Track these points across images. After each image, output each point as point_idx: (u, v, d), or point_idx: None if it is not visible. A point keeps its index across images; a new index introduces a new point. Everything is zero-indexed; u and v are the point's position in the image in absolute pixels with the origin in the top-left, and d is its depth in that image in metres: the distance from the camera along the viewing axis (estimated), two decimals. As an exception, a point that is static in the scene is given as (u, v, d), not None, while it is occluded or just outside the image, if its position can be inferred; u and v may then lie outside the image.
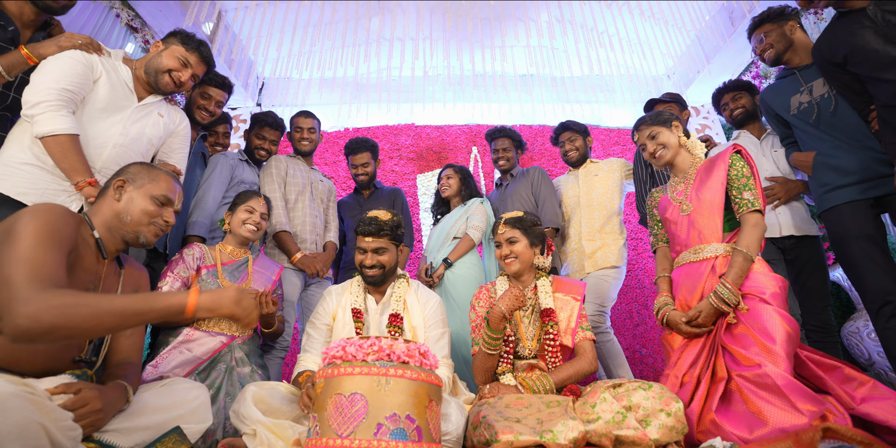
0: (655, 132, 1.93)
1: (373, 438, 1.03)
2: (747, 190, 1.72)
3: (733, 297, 1.56)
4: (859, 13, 1.73)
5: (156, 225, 1.40)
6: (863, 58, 1.73)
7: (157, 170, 1.46)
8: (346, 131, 4.37)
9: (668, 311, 1.74)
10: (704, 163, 1.87)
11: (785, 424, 1.27)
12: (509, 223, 1.91)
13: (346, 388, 1.09)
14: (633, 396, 1.34)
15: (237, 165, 2.51)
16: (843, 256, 1.90)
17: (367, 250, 1.85)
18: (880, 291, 1.78)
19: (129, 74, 1.84)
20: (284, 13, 3.57)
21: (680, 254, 1.85)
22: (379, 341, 1.18)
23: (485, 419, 1.35)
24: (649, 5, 3.62)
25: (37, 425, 0.86)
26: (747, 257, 1.61)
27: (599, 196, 2.71)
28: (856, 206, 1.87)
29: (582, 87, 4.38)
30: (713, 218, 1.74)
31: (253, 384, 1.47)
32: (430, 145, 4.34)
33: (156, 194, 1.40)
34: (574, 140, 2.88)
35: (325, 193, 2.81)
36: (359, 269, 1.89)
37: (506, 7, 3.66)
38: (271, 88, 4.37)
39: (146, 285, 1.48)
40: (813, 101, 2.03)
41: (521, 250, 1.87)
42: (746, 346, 1.48)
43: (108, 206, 1.36)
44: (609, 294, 2.57)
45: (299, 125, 2.80)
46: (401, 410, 1.08)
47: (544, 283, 1.87)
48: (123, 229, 1.34)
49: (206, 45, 1.95)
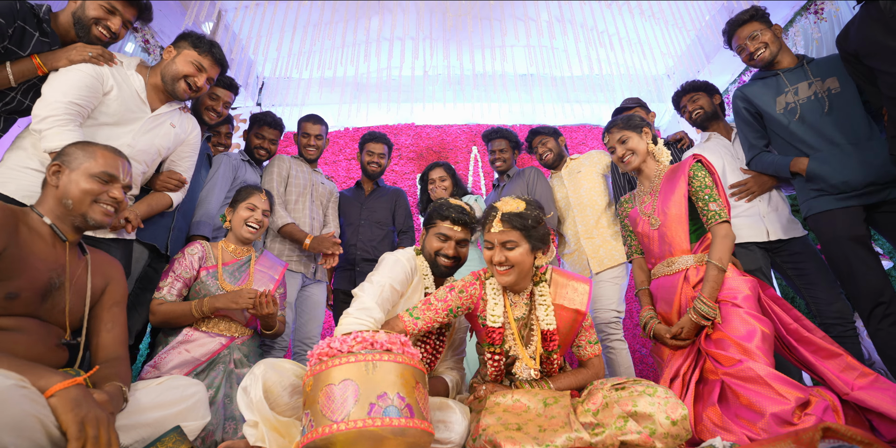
0: (626, 137, 1.96)
1: (367, 417, 1.05)
2: (713, 201, 1.75)
3: (711, 311, 1.62)
4: (874, 5, 1.73)
5: (101, 203, 1.33)
6: (870, 50, 1.74)
7: (92, 146, 1.38)
8: (346, 131, 4.37)
9: (654, 326, 1.80)
10: (667, 172, 1.90)
11: (775, 409, 1.35)
12: (507, 220, 1.50)
13: (335, 377, 1.12)
14: (638, 402, 1.31)
15: (240, 166, 2.53)
16: (835, 258, 1.92)
17: (452, 239, 1.77)
18: (872, 293, 1.81)
19: (141, 85, 1.82)
20: (284, 13, 3.56)
21: (655, 266, 1.90)
22: (361, 334, 1.21)
23: (485, 431, 1.31)
24: (649, 5, 3.61)
25: (33, 418, 0.87)
26: (721, 269, 1.66)
27: (588, 192, 2.69)
28: (848, 211, 1.89)
29: (582, 86, 4.38)
30: (679, 231, 1.79)
31: (266, 363, 1.36)
32: (430, 145, 4.34)
33: (95, 172, 1.33)
34: (546, 142, 2.87)
35: (325, 195, 2.81)
36: (430, 256, 1.79)
37: (506, 7, 3.65)
38: (271, 88, 4.37)
39: (119, 276, 1.45)
40: (801, 101, 2.02)
41: (520, 258, 1.49)
42: (725, 348, 1.57)
43: (49, 194, 1.31)
44: (621, 296, 2.55)
45: (307, 131, 2.78)
46: (391, 390, 1.11)
47: (543, 294, 1.56)
48: (70, 215, 1.30)
49: (217, 47, 1.93)
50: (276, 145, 2.74)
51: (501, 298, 1.58)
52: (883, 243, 2.78)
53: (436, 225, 1.79)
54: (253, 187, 2.13)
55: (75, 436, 0.91)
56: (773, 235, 2.17)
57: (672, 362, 1.70)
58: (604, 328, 2.50)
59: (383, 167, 2.94)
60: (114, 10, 1.75)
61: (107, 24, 1.74)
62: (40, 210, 1.29)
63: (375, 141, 2.92)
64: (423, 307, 1.58)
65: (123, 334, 1.40)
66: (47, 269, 1.23)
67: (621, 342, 2.47)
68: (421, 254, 1.83)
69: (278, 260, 2.19)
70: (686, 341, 1.70)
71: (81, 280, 1.33)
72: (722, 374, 1.52)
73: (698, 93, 2.49)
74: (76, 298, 1.31)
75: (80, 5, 1.72)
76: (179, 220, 2.13)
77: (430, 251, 1.79)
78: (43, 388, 0.94)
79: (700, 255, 1.76)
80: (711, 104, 2.46)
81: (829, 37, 2.72)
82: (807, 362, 1.62)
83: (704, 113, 2.46)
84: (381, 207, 2.89)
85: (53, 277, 1.24)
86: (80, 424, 0.93)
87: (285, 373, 1.37)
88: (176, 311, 1.78)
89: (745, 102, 2.20)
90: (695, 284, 1.73)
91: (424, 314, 1.56)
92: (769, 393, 1.40)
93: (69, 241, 1.31)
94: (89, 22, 1.71)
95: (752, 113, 2.19)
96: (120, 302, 1.42)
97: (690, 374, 1.63)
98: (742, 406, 1.44)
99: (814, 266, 2.11)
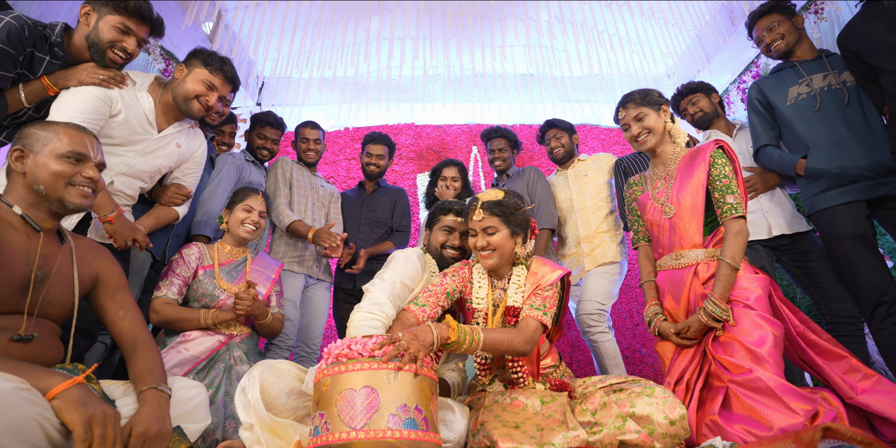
0: (643, 114, 1.80)
1: (386, 428, 1.07)
2: (730, 193, 1.65)
3: (723, 313, 1.54)
4: (878, 4, 1.73)
5: (76, 184, 1.24)
6: (873, 48, 1.73)
7: (53, 125, 1.28)
8: (346, 131, 4.37)
9: (659, 322, 1.73)
10: (685, 157, 1.78)
11: (784, 424, 1.30)
12: (487, 208, 1.62)
13: (356, 383, 1.12)
14: (636, 403, 1.32)
15: (244, 166, 2.54)
16: (838, 257, 1.90)
17: (456, 230, 1.85)
18: (875, 292, 1.78)
19: (150, 107, 1.80)
20: (284, 12, 3.56)
21: (662, 256, 1.82)
22: (380, 338, 1.21)
23: (483, 426, 1.34)
24: (649, 5, 3.61)
25: (33, 421, 0.86)
26: (734, 268, 1.59)
27: (592, 197, 2.68)
28: (850, 206, 1.87)
29: (582, 86, 4.37)
30: (693, 224, 1.69)
31: (264, 364, 1.39)
32: (430, 145, 4.34)
33: (62, 152, 1.23)
34: (560, 137, 2.83)
35: (326, 198, 2.84)
36: (437, 251, 1.84)
37: (506, 6, 3.65)
38: (271, 88, 4.37)
39: (111, 262, 1.39)
40: (813, 92, 2.01)
41: (501, 242, 1.61)
42: (733, 354, 1.50)
43: (17, 181, 1.22)
44: (609, 290, 2.54)
45: (305, 136, 2.81)
46: (409, 402, 1.12)
47: (519, 275, 1.65)
48: (44, 201, 1.21)
49: (229, 64, 1.89)
50: (278, 145, 2.75)
51: (486, 282, 1.69)
52: (883, 243, 2.78)
53: (439, 220, 1.86)
54: (250, 189, 2.14)
55: (81, 437, 0.90)
56: (776, 230, 2.16)
57: (677, 363, 1.65)
58: (585, 319, 2.50)
59: (382, 168, 2.94)
60: (128, 30, 1.71)
61: (122, 46, 1.71)
62: (9, 199, 1.21)
63: (375, 142, 2.93)
64: (425, 295, 1.62)
65: (139, 317, 1.36)
66: (25, 262, 1.16)
67: (604, 333, 2.47)
68: (427, 252, 1.85)
69: (273, 260, 2.20)
70: (693, 340, 1.64)
71: (66, 269, 1.26)
72: (728, 382, 1.48)
73: (696, 94, 2.48)
74: (63, 289, 1.24)
75: (94, 28, 1.68)
76: (179, 227, 2.14)
77: (436, 245, 1.84)
78: (44, 390, 0.93)
79: (712, 249, 1.68)
80: (711, 104, 2.46)
81: (829, 37, 2.71)
82: (813, 364, 1.58)
83: (705, 114, 2.45)
84: (382, 207, 2.89)
85: (34, 270, 1.17)
86: (86, 424, 0.91)
87: (283, 374, 1.38)
88: (183, 314, 1.80)
89: (759, 94, 2.19)
90: (705, 280, 1.66)
91: (428, 300, 1.60)
92: (778, 406, 1.35)
93: (45, 229, 1.23)
94: (104, 46, 1.68)
95: (764, 105, 2.17)
96: (121, 288, 1.37)
97: (695, 381, 1.57)
98: (747, 417, 1.39)
99: (823, 265, 2.08)
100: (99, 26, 1.67)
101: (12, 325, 1.14)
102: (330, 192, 2.89)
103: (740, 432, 1.35)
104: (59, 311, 1.25)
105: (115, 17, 1.68)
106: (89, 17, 1.68)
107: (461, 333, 1.37)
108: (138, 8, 1.70)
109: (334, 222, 2.70)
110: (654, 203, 1.82)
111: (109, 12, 1.67)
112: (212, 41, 3.53)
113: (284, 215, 2.51)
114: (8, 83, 1.58)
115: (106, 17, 1.67)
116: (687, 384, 1.58)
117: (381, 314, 1.51)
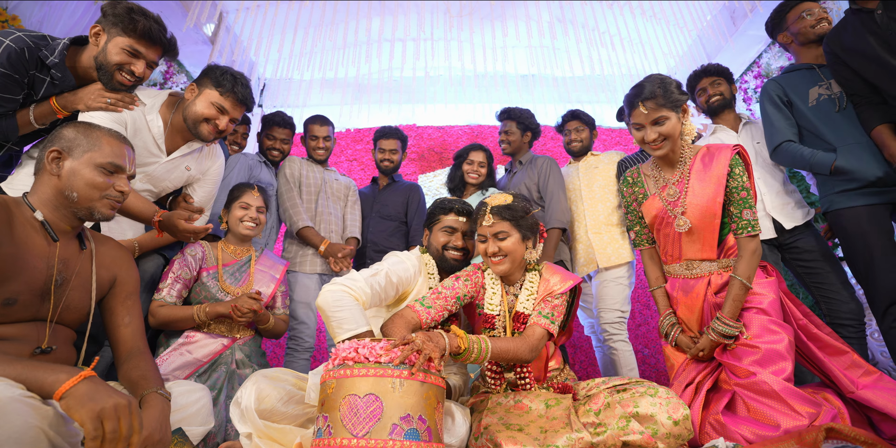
0: (664, 118, 1.62)
1: (388, 438, 1.06)
2: (747, 208, 1.59)
3: (733, 330, 1.55)
4: (868, 15, 1.72)
5: (109, 198, 1.24)
6: (866, 63, 1.74)
7: (97, 131, 1.26)
8: (348, 132, 4.37)
9: (677, 334, 1.72)
10: (699, 161, 1.67)
11: (790, 425, 1.32)
12: (497, 212, 1.58)
13: (360, 389, 1.11)
14: (640, 403, 1.31)
15: (255, 166, 2.56)
16: (857, 254, 1.88)
17: (458, 230, 1.78)
18: (890, 291, 1.78)
19: (160, 131, 1.76)
20: (285, 14, 3.57)
21: (670, 263, 1.78)
22: (388, 343, 1.20)
23: (487, 429, 1.33)
24: (651, 5, 3.61)
25: (37, 430, 0.85)
26: (747, 288, 1.57)
27: (601, 188, 2.66)
28: (875, 208, 1.87)
29: (583, 86, 4.37)
30: (710, 239, 1.65)
31: (259, 374, 1.39)
32: (432, 146, 4.34)
33: (101, 162, 1.22)
34: (581, 131, 2.77)
35: (341, 191, 2.81)
36: (438, 252, 1.76)
37: (506, 7, 3.65)
38: (273, 89, 4.37)
39: (129, 265, 1.38)
40: (833, 96, 2.01)
41: (513, 247, 1.57)
42: (740, 358, 1.52)
43: (47, 183, 1.20)
44: (626, 296, 2.52)
45: (314, 134, 2.78)
46: (413, 411, 1.11)
47: (532, 281, 1.63)
48: (73, 207, 1.20)
49: (241, 85, 1.79)
50: (288, 145, 2.74)
51: (499, 288, 1.66)
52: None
53: (440, 220, 1.79)
54: (245, 185, 2.11)
55: (91, 434, 0.88)
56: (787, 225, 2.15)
57: (689, 368, 1.66)
58: (607, 328, 2.48)
59: (396, 163, 2.92)
60: (137, 53, 1.65)
61: (130, 69, 1.65)
62: (34, 200, 1.19)
63: (386, 137, 2.91)
64: (432, 297, 1.58)
65: (141, 327, 1.34)
66: (46, 267, 1.15)
67: (625, 343, 2.45)
68: (426, 252, 1.81)
69: (279, 259, 2.19)
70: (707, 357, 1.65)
71: (85, 272, 1.25)
72: (735, 385, 1.49)
73: (721, 77, 2.33)
74: (80, 293, 1.23)
75: (103, 49, 1.62)
76: None
77: (438, 246, 1.76)
78: (51, 390, 0.92)
79: (724, 261, 1.66)
80: (731, 92, 2.36)
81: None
82: (814, 358, 1.59)
83: (723, 99, 2.33)
84: (394, 201, 2.85)
85: (54, 274, 1.16)
86: (95, 420, 0.89)
87: (279, 382, 1.39)
88: (177, 314, 1.78)
89: (779, 90, 2.13)
90: (717, 290, 1.66)
91: (435, 303, 1.56)
92: (783, 408, 1.37)
93: (66, 232, 1.22)
94: (112, 68, 1.63)
95: (784, 102, 2.13)
96: (133, 293, 1.37)
97: (704, 383, 1.59)
98: (752, 419, 1.41)
99: (826, 265, 2.07)
100: (108, 48, 1.62)
101: (33, 334, 1.14)
102: (346, 184, 2.86)
103: (745, 432, 1.36)
104: (75, 317, 1.24)
105: (124, 39, 1.63)
106: (99, 37, 1.63)
107: (470, 343, 1.35)
108: (148, 30, 1.64)
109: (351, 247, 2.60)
110: (667, 212, 1.72)
111: (119, 34, 1.62)
112: (213, 43, 3.53)
113: (297, 219, 2.52)
114: (17, 105, 1.58)
115: (115, 39, 1.62)
116: (697, 387, 1.59)
117: (352, 286, 1.44)
